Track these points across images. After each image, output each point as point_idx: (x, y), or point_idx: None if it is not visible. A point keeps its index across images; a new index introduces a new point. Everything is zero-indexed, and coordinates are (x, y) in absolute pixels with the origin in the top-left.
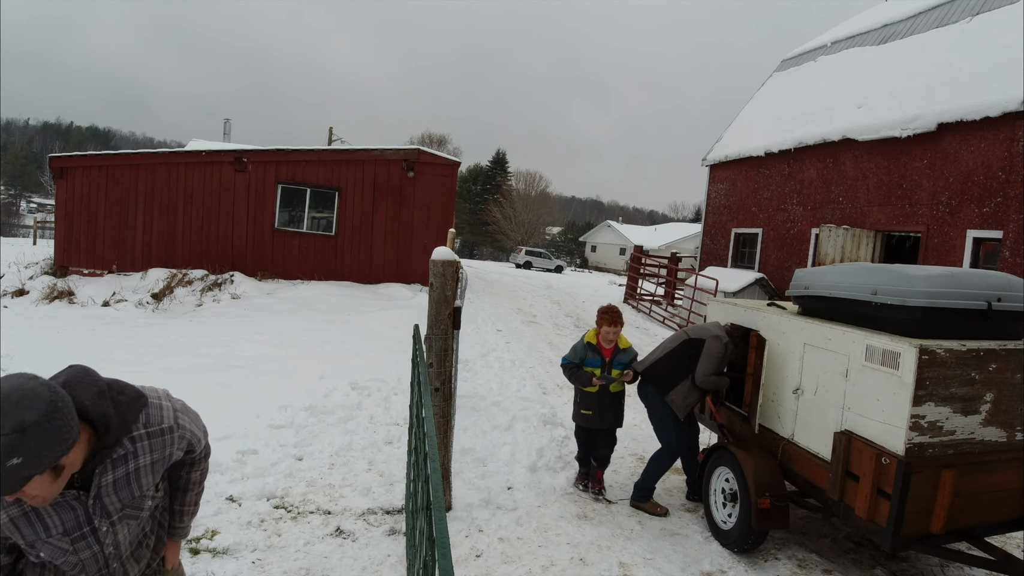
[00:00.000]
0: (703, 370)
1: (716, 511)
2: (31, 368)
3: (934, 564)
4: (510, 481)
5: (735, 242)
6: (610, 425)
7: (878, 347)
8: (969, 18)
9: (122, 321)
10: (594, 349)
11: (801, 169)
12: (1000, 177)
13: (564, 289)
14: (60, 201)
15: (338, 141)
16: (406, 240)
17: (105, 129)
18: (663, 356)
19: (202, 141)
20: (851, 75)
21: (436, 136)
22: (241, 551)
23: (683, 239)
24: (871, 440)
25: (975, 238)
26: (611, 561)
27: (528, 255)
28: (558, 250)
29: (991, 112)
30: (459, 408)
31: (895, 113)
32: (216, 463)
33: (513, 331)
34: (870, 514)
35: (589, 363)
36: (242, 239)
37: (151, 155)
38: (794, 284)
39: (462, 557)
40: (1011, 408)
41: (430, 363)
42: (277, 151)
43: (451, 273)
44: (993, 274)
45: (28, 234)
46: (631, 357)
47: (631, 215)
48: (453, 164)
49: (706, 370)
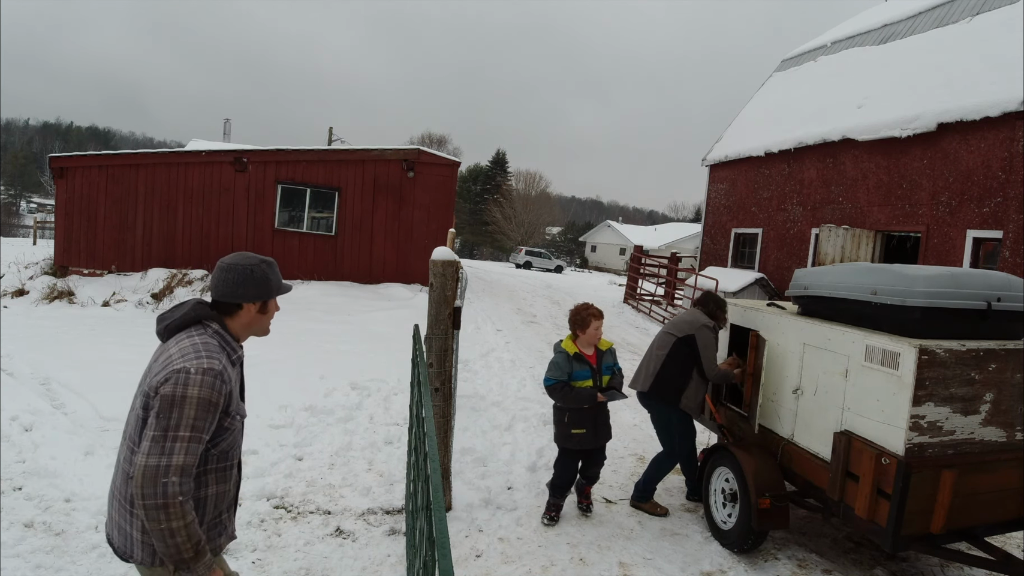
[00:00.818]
0: (708, 364)
1: (716, 511)
2: (32, 369)
3: (934, 564)
4: (510, 481)
5: (735, 242)
6: (604, 441)
7: (878, 347)
8: (969, 18)
9: (122, 321)
10: (580, 359)
11: (801, 169)
12: (1000, 177)
13: (564, 289)
14: (60, 201)
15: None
16: (406, 240)
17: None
18: (663, 363)
19: (202, 141)
20: (851, 75)
21: (436, 136)
22: (241, 551)
23: (683, 239)
24: (871, 440)
25: (975, 238)
26: (611, 561)
27: (528, 255)
28: (558, 250)
29: (991, 112)
30: (459, 408)
31: (895, 113)
32: None
33: (513, 331)
34: (870, 514)
35: (578, 376)
36: (242, 239)
37: (151, 155)
38: (794, 284)
39: (462, 557)
40: (1011, 408)
41: (430, 363)
42: (277, 151)
43: (451, 273)
44: (993, 274)
45: (28, 234)
46: (614, 356)
47: (631, 215)
48: (453, 164)
49: (711, 362)
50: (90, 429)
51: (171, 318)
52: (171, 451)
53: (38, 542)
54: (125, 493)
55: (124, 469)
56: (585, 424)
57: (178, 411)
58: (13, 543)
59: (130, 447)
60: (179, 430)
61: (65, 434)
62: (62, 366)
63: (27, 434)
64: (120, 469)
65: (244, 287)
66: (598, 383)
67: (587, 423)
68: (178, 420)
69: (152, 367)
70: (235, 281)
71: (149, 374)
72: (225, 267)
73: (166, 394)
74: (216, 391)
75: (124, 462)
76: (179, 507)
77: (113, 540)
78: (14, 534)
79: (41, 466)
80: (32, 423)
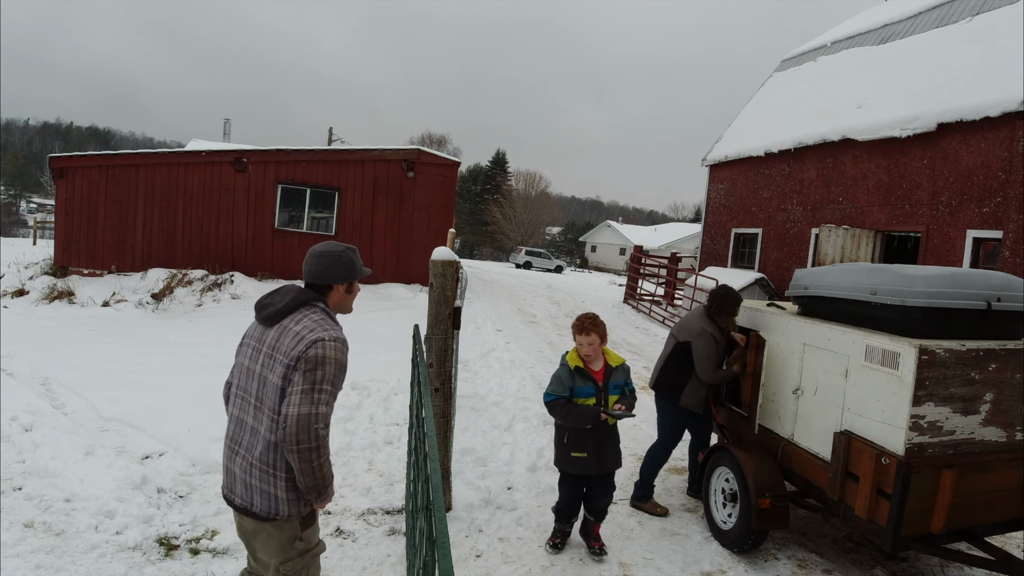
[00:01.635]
0: (703, 373)
1: (716, 511)
2: (32, 369)
3: (934, 564)
4: (510, 481)
5: (735, 242)
6: (610, 468)
7: (878, 347)
8: (969, 18)
9: (122, 321)
10: (584, 375)
11: (801, 169)
12: (1000, 177)
13: (564, 289)
14: (60, 201)
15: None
16: (406, 240)
17: (105, 129)
18: (665, 362)
19: (202, 141)
20: (851, 75)
21: (436, 136)
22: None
23: (683, 239)
24: (871, 440)
25: (975, 238)
26: (611, 561)
27: (528, 255)
28: (558, 250)
29: (991, 112)
30: (459, 408)
31: (895, 113)
32: (216, 463)
33: (513, 331)
34: (870, 514)
35: (579, 393)
36: (242, 239)
37: (151, 155)
38: (794, 284)
39: (462, 557)
40: (1011, 408)
41: (430, 363)
42: (277, 151)
43: (451, 273)
44: (993, 274)
45: (28, 234)
46: (626, 374)
47: (631, 215)
48: (453, 164)
49: (706, 370)
50: (90, 429)
51: (279, 303)
52: (318, 401)
53: (38, 542)
54: (268, 459)
55: (265, 438)
56: (587, 447)
57: (321, 370)
58: (13, 543)
59: (270, 416)
60: (323, 384)
61: (65, 434)
62: (62, 366)
63: (27, 434)
64: (260, 440)
65: (334, 270)
66: (602, 403)
67: (589, 446)
68: (322, 377)
69: (278, 345)
70: (327, 265)
71: (277, 351)
72: (317, 254)
73: (310, 357)
74: (345, 355)
75: (266, 432)
76: (326, 447)
77: (254, 506)
78: (14, 534)
79: (41, 466)
80: (32, 423)
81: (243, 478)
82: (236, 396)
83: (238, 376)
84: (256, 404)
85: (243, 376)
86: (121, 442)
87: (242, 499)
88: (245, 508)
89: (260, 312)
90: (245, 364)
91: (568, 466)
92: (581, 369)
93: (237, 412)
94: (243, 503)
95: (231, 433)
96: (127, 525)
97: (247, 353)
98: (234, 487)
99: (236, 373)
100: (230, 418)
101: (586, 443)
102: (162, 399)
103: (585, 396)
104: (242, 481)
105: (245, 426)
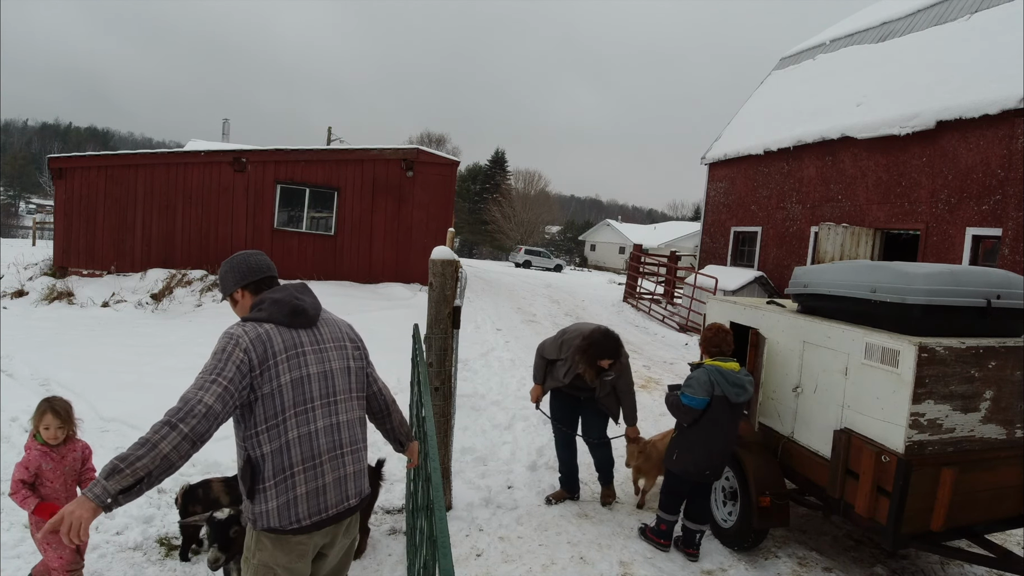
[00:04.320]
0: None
1: (716, 509)
2: (31, 369)
3: (934, 562)
4: (510, 480)
5: (734, 240)
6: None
7: (877, 345)
8: (968, 15)
9: (122, 322)
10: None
11: (800, 167)
12: (999, 175)
13: (564, 288)
14: (59, 202)
15: (337, 141)
16: (405, 240)
17: (104, 130)
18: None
19: (201, 141)
20: (850, 73)
21: (435, 135)
22: None
23: (682, 238)
24: (871, 438)
25: (974, 236)
26: (611, 560)
27: (527, 254)
28: (557, 249)
29: (990, 110)
30: (459, 407)
31: (894, 111)
32: (216, 463)
33: (513, 330)
34: (870, 512)
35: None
36: (241, 239)
37: (150, 155)
38: (793, 282)
39: (462, 556)
40: (1010, 405)
41: (430, 363)
42: (276, 151)
43: (451, 272)
44: (992, 271)
45: (27, 235)
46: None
47: (630, 214)
48: (452, 163)
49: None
50: (90, 429)
51: (315, 302)
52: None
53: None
54: (361, 437)
55: (360, 418)
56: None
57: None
58: (13, 544)
59: (358, 397)
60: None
61: None
62: (62, 367)
63: (27, 434)
64: (357, 423)
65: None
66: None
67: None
68: None
69: (336, 335)
70: (268, 265)
71: (342, 340)
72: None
73: (360, 336)
74: None
75: (360, 412)
76: None
77: (350, 494)
78: (14, 535)
79: None
80: None
81: (357, 469)
82: (318, 408)
83: (313, 386)
84: (345, 397)
85: (321, 382)
86: (121, 442)
87: (359, 493)
88: (358, 501)
89: (301, 316)
90: (322, 369)
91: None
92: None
93: (327, 422)
94: (358, 495)
95: (327, 445)
96: (127, 526)
97: (315, 359)
98: (349, 489)
99: (304, 387)
100: (313, 434)
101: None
102: (162, 400)
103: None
104: (356, 474)
105: (342, 426)
